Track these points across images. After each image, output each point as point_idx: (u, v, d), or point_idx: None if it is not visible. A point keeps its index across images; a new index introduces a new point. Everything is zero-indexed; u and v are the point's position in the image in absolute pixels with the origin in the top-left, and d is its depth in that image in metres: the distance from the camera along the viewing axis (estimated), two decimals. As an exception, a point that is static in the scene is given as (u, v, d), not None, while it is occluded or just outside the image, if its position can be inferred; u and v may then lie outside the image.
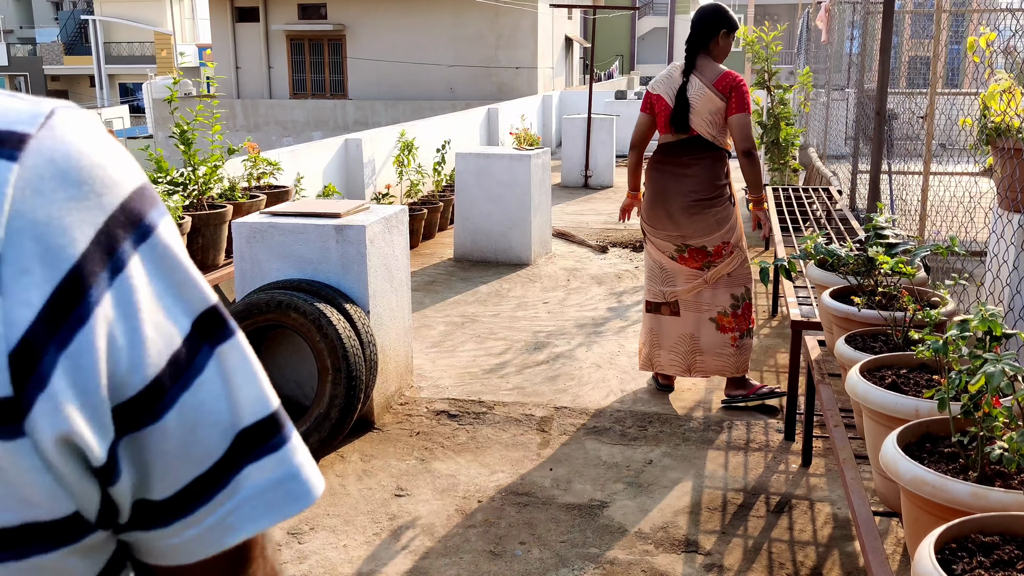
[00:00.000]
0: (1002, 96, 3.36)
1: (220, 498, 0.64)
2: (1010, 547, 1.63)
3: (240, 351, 0.67)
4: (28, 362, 0.54)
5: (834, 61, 10.05)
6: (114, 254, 0.58)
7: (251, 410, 0.66)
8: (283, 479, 0.67)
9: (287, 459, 0.68)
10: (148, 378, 0.59)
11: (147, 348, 0.59)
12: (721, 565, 3.23)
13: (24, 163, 0.55)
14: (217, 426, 0.64)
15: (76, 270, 0.55)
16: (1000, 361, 1.85)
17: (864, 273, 3.08)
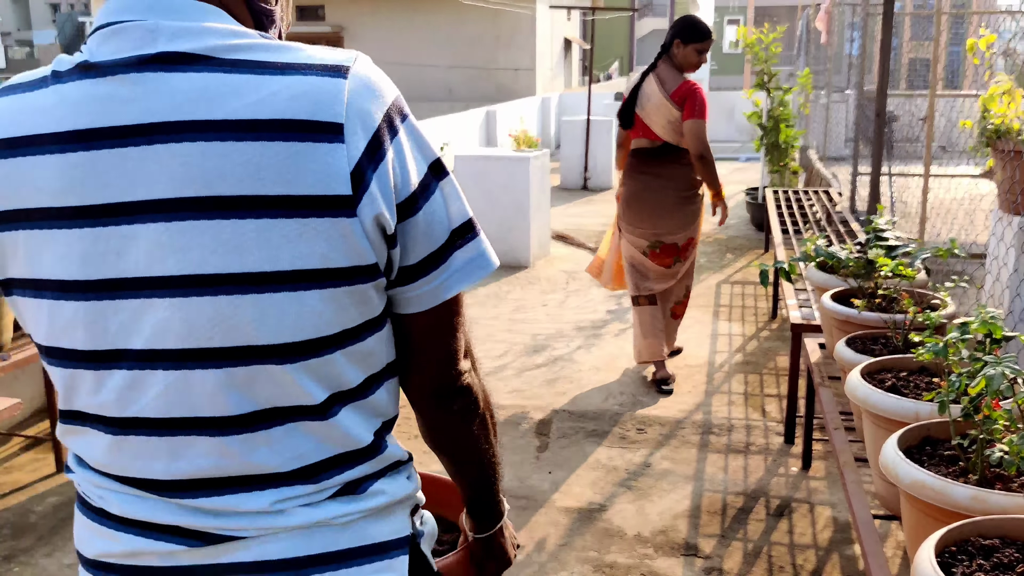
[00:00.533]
0: (1002, 98, 3.36)
1: (440, 269, 1.08)
2: (1010, 550, 1.63)
3: (452, 184, 1.10)
4: (358, 176, 0.99)
5: (834, 63, 10.06)
6: (392, 125, 1.03)
7: (458, 217, 1.10)
8: (476, 257, 1.11)
9: (478, 245, 1.12)
10: (410, 191, 1.04)
11: (409, 175, 1.04)
12: (721, 569, 3.23)
13: (350, 80, 1.01)
14: (441, 224, 1.07)
15: (377, 132, 1.01)
16: (1000, 364, 1.84)
17: (864, 275, 3.07)
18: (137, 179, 0.97)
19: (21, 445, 4.28)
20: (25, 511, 3.66)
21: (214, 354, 1.00)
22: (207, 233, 0.97)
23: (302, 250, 0.98)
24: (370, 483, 1.12)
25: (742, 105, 14.40)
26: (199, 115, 0.96)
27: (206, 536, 1.06)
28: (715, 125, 17.68)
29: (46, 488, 3.85)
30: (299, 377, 1.02)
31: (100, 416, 1.06)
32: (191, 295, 0.98)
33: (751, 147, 11.96)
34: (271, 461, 1.05)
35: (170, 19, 1.00)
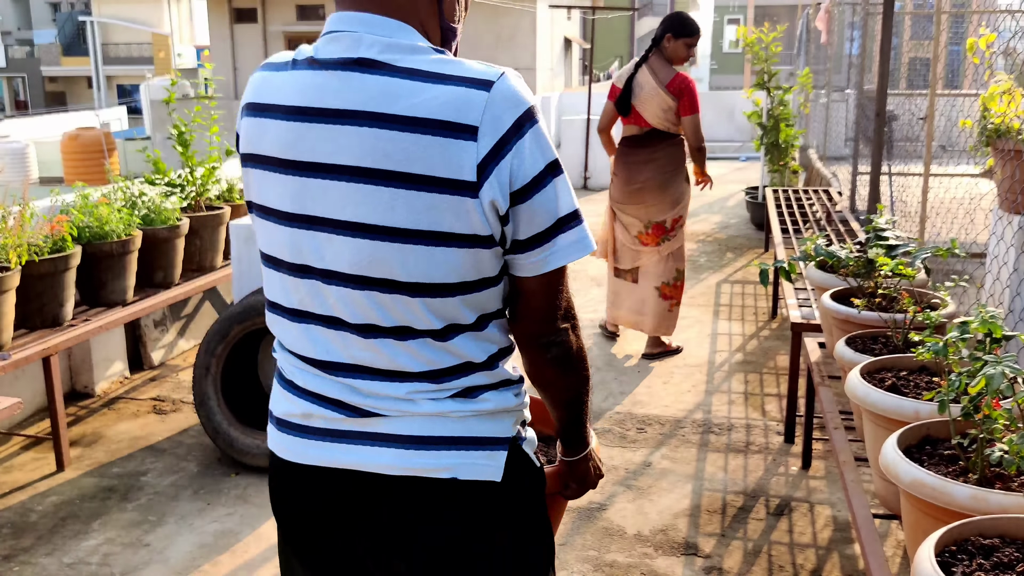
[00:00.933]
0: (1002, 97, 3.36)
1: (546, 246, 1.38)
2: (1010, 550, 1.63)
3: (564, 180, 1.39)
4: (482, 168, 1.29)
5: (834, 62, 10.05)
6: (519, 131, 1.31)
7: (565, 207, 1.38)
8: (578, 240, 1.40)
9: (581, 231, 1.40)
10: (524, 182, 1.33)
11: (526, 170, 1.33)
12: (721, 568, 3.23)
13: (491, 93, 1.30)
14: (549, 211, 1.37)
15: (504, 135, 1.30)
16: (1000, 363, 1.84)
17: (864, 275, 3.07)
18: (332, 148, 1.35)
19: (21, 444, 4.28)
20: (25, 510, 3.66)
21: (367, 281, 1.37)
22: (372, 195, 1.33)
23: (434, 217, 1.32)
24: (482, 392, 1.45)
25: (742, 104, 14.40)
26: (378, 108, 1.32)
27: (358, 410, 1.44)
28: (715, 124, 17.67)
29: (46, 487, 3.85)
30: (423, 309, 1.38)
31: (291, 309, 1.47)
32: (357, 236, 1.35)
33: (751, 146, 11.96)
34: (407, 363, 1.40)
35: (371, 32, 1.37)
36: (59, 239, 4.02)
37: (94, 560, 3.30)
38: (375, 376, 1.43)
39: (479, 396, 1.45)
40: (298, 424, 1.52)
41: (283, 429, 1.56)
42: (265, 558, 3.30)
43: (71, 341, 4.02)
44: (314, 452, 1.48)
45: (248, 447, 3.92)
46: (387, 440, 1.43)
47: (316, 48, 1.41)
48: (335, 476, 1.46)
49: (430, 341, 1.40)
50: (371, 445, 1.44)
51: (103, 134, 16.10)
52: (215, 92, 5.86)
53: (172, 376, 5.19)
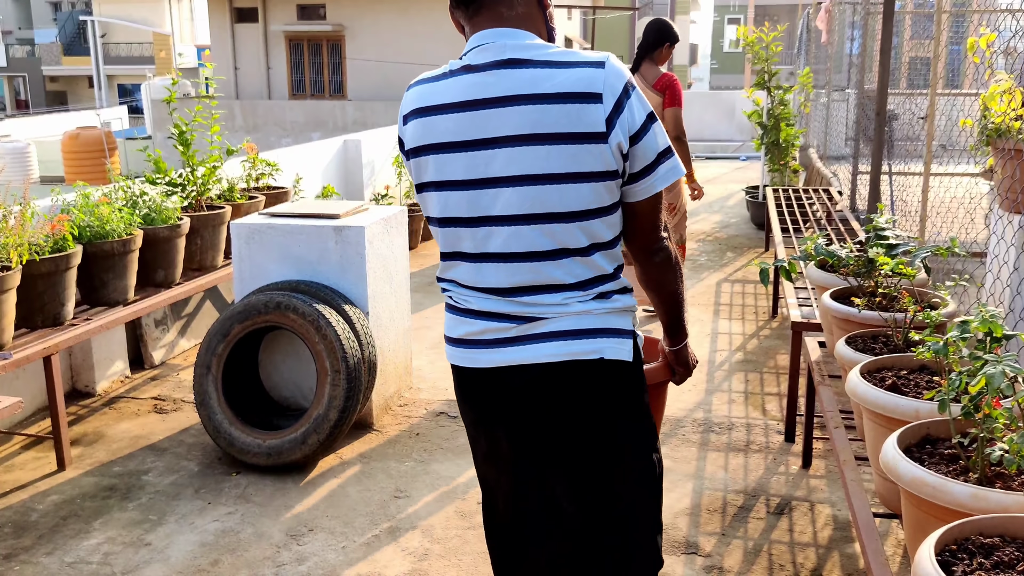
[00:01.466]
0: (1002, 97, 3.36)
1: (652, 175, 1.91)
2: (1010, 549, 1.63)
3: (659, 125, 1.89)
4: (608, 122, 1.83)
5: (834, 62, 10.05)
6: (627, 94, 1.85)
7: (662, 144, 1.91)
8: (672, 168, 1.92)
9: (674, 161, 1.92)
10: (636, 129, 1.86)
11: (636, 121, 1.86)
12: (721, 567, 3.23)
13: (605, 70, 1.85)
14: (653, 149, 1.89)
15: (619, 98, 1.84)
16: (1000, 362, 1.84)
17: (864, 274, 3.07)
18: (496, 125, 1.87)
19: (22, 444, 4.28)
20: (26, 509, 3.66)
21: (533, 217, 1.88)
22: (533, 152, 1.85)
23: (579, 160, 1.85)
24: (613, 295, 1.98)
25: (742, 104, 14.39)
26: (529, 91, 1.85)
27: (525, 318, 1.95)
28: (715, 124, 17.67)
29: (47, 487, 3.86)
30: (576, 231, 1.90)
31: (470, 254, 1.97)
32: (524, 184, 1.87)
33: (751, 146, 11.96)
34: (562, 277, 1.92)
35: (509, 41, 1.91)
36: (60, 238, 4.02)
37: (95, 559, 3.30)
38: (537, 292, 1.94)
39: (611, 298, 1.98)
40: (476, 340, 2.01)
41: (464, 346, 2.04)
42: (266, 556, 3.31)
43: (72, 340, 4.02)
44: (495, 357, 1.98)
45: (249, 446, 3.92)
46: (549, 337, 1.95)
47: (468, 58, 1.94)
48: (511, 371, 1.97)
49: (578, 259, 1.92)
50: (536, 343, 1.95)
51: (104, 133, 16.10)
52: (216, 92, 5.86)
53: (173, 375, 5.19)
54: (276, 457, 3.90)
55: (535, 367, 1.95)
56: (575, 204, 1.88)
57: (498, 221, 1.90)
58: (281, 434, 3.93)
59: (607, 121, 1.84)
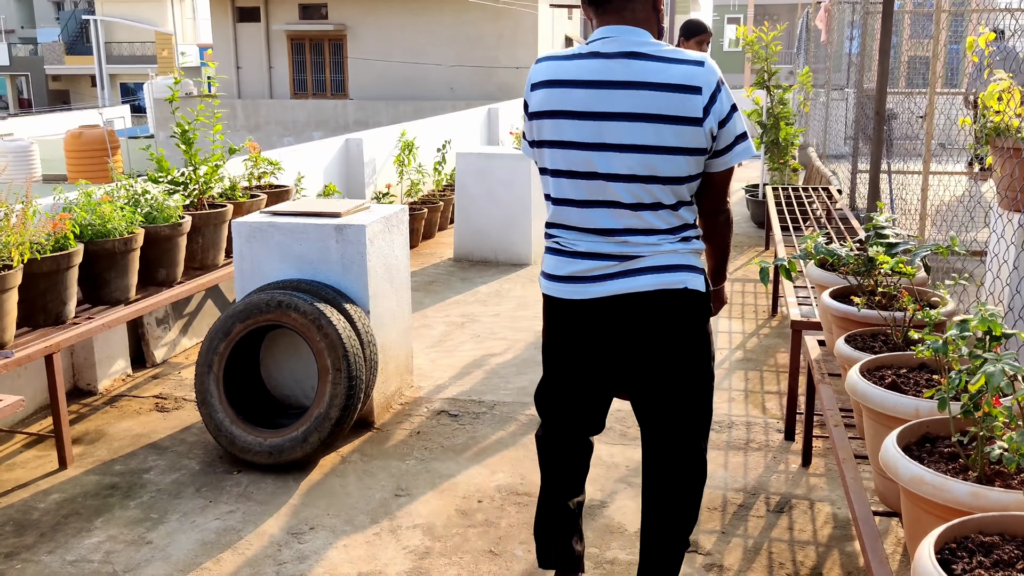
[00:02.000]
0: (1001, 96, 3.36)
1: (731, 152, 2.51)
2: (1010, 547, 1.63)
3: (740, 113, 2.48)
4: (705, 110, 2.40)
5: (834, 61, 10.05)
6: (719, 88, 2.43)
7: (740, 129, 2.50)
8: (746, 148, 2.52)
9: (748, 143, 2.52)
10: (723, 116, 2.44)
11: (724, 109, 2.44)
12: (721, 565, 3.23)
13: (704, 68, 2.42)
14: (733, 132, 2.48)
15: (713, 91, 2.41)
16: (1000, 361, 1.85)
17: (864, 273, 3.08)
18: (614, 103, 2.39)
19: (24, 442, 4.29)
20: (27, 508, 3.67)
21: (639, 178, 2.42)
22: (646, 128, 2.38)
23: (681, 139, 2.39)
24: (692, 239, 2.55)
25: (742, 103, 14.38)
26: (647, 79, 2.37)
27: (626, 256, 2.48)
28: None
29: (48, 485, 3.86)
30: (669, 191, 2.46)
31: (581, 200, 2.49)
32: (635, 153, 2.40)
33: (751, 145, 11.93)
34: (657, 224, 2.47)
35: (631, 36, 2.44)
36: (62, 237, 4.03)
37: (96, 558, 3.31)
38: (638, 234, 2.48)
39: (692, 241, 2.55)
40: (582, 276, 2.52)
41: (571, 283, 2.55)
42: (267, 555, 3.31)
43: (74, 339, 4.03)
44: (596, 289, 2.51)
45: (250, 445, 3.93)
46: (644, 271, 2.48)
47: (594, 46, 2.46)
48: (614, 299, 2.51)
49: (669, 211, 2.49)
50: (634, 276, 2.49)
51: (106, 132, 16.11)
52: (218, 91, 5.87)
53: (174, 374, 5.20)
54: (277, 456, 3.90)
55: (633, 295, 2.49)
56: (674, 172, 2.43)
57: (612, 178, 2.44)
58: (282, 433, 3.93)
59: (704, 109, 2.39)
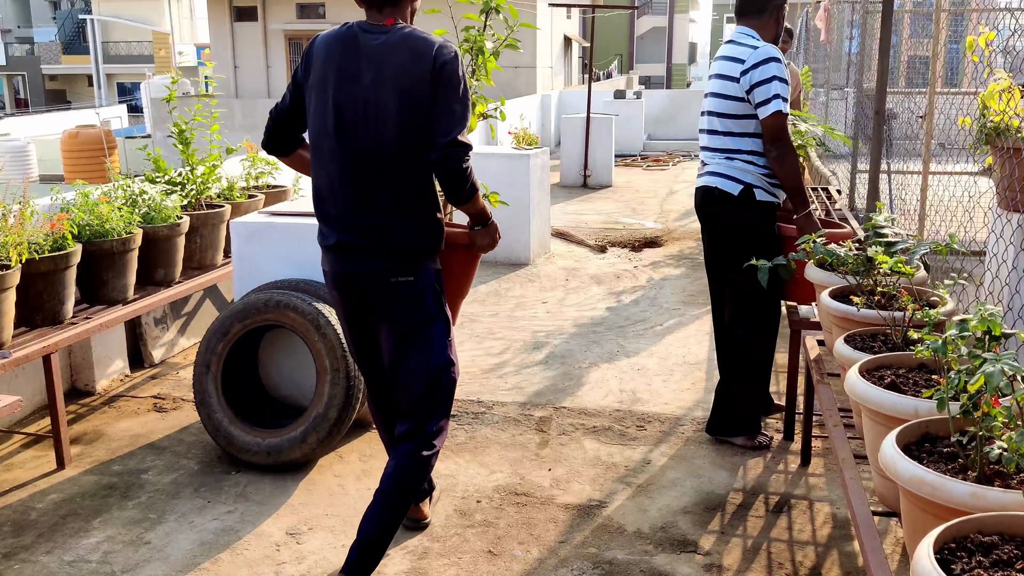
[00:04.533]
0: (1001, 96, 3.36)
1: (764, 107, 3.83)
2: (1009, 547, 1.63)
3: (768, 85, 3.85)
4: (743, 75, 3.88)
5: (833, 60, 10.05)
6: (755, 67, 3.89)
7: (773, 91, 3.82)
8: (767, 110, 3.83)
9: (779, 101, 3.82)
10: (753, 84, 3.85)
11: (756, 78, 3.84)
12: (720, 565, 3.23)
13: (752, 53, 3.89)
14: (764, 95, 3.84)
15: (751, 67, 3.88)
16: (999, 361, 1.84)
17: (863, 273, 3.08)
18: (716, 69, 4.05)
19: (22, 442, 4.28)
20: (26, 508, 3.66)
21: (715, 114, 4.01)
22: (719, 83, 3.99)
23: (731, 90, 3.92)
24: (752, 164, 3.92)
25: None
26: (720, 72, 4.00)
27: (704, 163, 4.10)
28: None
29: (47, 485, 3.86)
30: (734, 123, 3.95)
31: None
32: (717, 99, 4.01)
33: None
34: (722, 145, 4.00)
35: (740, 32, 4.01)
36: (59, 237, 4.02)
37: (94, 558, 3.30)
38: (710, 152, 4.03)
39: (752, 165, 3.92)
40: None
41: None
42: (266, 555, 3.31)
43: (71, 339, 4.02)
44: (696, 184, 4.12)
45: (248, 445, 3.93)
46: (710, 175, 3.98)
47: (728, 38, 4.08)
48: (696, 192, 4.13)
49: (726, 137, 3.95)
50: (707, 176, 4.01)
51: (103, 132, 16.10)
52: (215, 90, 5.86)
53: (172, 374, 5.19)
54: (276, 456, 3.90)
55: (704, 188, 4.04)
56: (733, 109, 3.92)
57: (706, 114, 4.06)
58: (280, 433, 3.93)
59: (742, 74, 3.85)
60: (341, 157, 2.91)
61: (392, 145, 2.87)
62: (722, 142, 3.93)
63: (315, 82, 2.94)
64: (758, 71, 3.79)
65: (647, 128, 17.21)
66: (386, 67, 2.85)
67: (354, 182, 2.92)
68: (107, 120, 24.14)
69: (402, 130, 2.86)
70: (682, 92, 22.89)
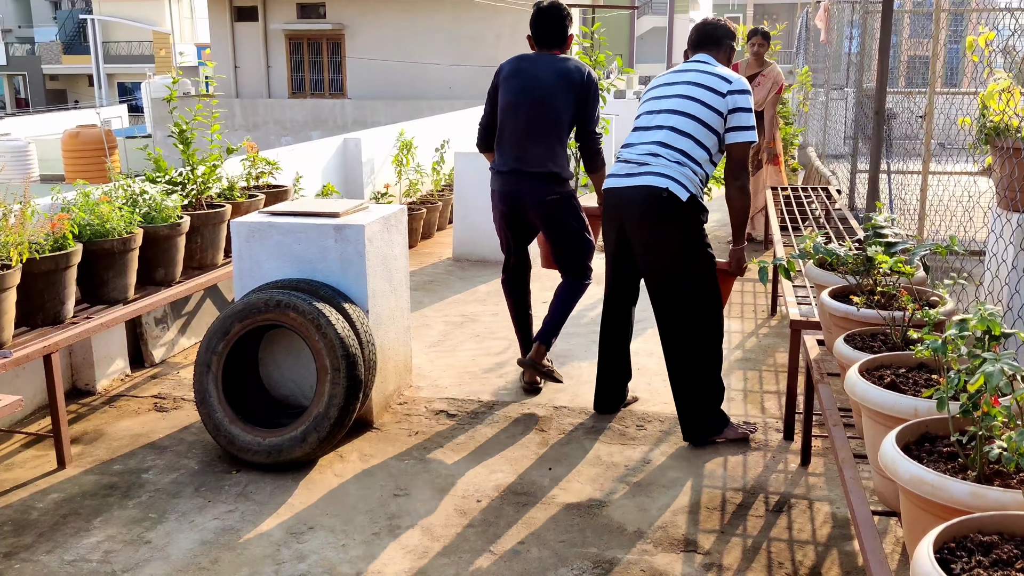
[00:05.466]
0: (1001, 95, 3.36)
1: (735, 133, 4.06)
2: (1009, 546, 1.63)
3: (749, 114, 4.08)
4: (727, 100, 4.04)
5: (833, 60, 10.05)
6: (734, 93, 4.09)
7: (746, 122, 4.06)
8: (738, 137, 4.07)
9: (752, 132, 4.07)
10: (732, 108, 4.05)
11: (737, 105, 4.06)
12: (720, 564, 3.23)
13: (733, 79, 4.08)
14: (740, 121, 4.06)
15: (729, 93, 4.08)
16: (999, 360, 1.85)
17: (863, 272, 3.08)
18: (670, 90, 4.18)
19: (22, 442, 4.28)
20: (26, 508, 3.67)
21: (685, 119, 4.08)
22: (689, 97, 4.07)
23: (711, 101, 4.03)
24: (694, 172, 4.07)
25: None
26: (697, 81, 4.09)
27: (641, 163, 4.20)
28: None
29: (47, 485, 3.86)
30: (700, 133, 4.04)
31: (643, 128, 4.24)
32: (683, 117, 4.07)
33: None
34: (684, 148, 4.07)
35: (702, 62, 4.18)
36: (60, 237, 4.02)
37: (95, 557, 3.31)
38: (659, 149, 4.06)
39: (696, 176, 4.03)
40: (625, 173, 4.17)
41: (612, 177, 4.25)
42: (266, 554, 3.31)
43: (72, 339, 4.02)
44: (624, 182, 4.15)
45: (249, 444, 3.93)
46: (655, 175, 4.00)
47: (683, 63, 4.30)
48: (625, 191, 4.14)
49: (692, 143, 4.02)
50: (650, 177, 4.03)
51: (104, 132, 16.11)
52: (216, 90, 5.86)
53: (173, 374, 5.20)
54: (276, 455, 3.90)
55: (648, 187, 4.03)
56: (704, 117, 4.04)
57: (667, 114, 4.09)
58: (281, 432, 3.93)
59: (725, 98, 4.00)
60: (517, 124, 4.66)
61: (552, 120, 4.65)
62: (682, 143, 3.98)
63: (505, 81, 4.70)
64: (743, 98, 3.99)
65: (647, 128, 17.18)
66: (555, 73, 4.63)
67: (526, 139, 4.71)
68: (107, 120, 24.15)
69: (558, 112, 4.63)
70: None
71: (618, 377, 4.51)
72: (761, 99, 7.83)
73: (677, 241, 4.03)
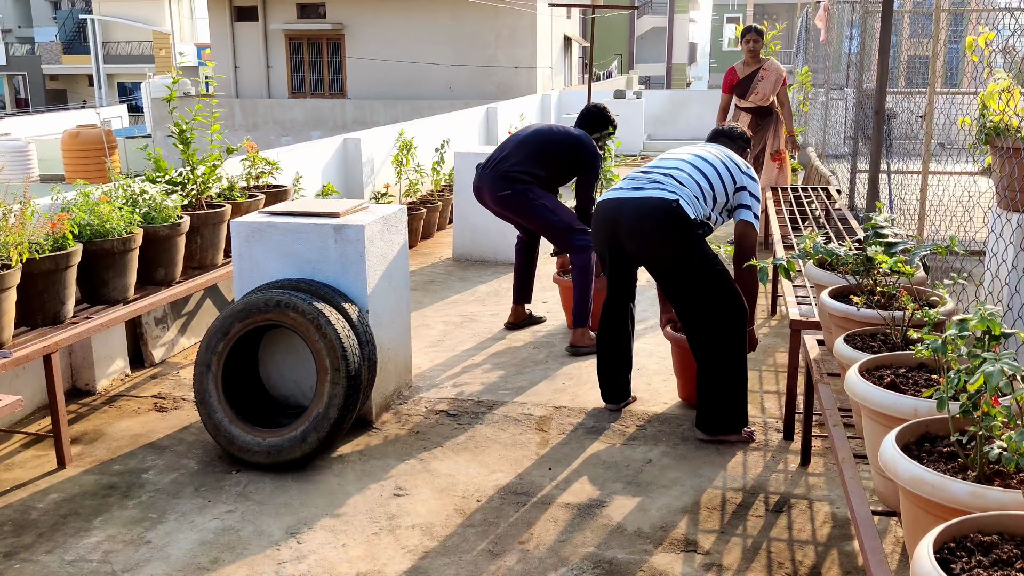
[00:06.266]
0: (1001, 95, 3.36)
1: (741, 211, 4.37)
2: (1009, 546, 1.63)
3: (742, 195, 4.37)
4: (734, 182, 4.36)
5: (833, 60, 10.05)
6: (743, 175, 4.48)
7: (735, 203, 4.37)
8: (743, 215, 4.34)
9: (745, 212, 4.34)
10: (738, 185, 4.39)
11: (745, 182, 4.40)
12: (720, 564, 3.23)
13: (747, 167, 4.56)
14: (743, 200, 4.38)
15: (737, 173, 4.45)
16: (999, 360, 1.85)
17: (863, 272, 3.08)
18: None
19: (22, 442, 4.28)
20: (26, 508, 3.67)
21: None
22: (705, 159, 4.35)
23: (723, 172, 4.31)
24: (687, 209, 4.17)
25: (742, 103, 14.35)
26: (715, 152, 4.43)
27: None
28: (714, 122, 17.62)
29: (47, 485, 3.86)
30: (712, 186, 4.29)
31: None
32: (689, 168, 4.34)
33: (751, 145, 11.92)
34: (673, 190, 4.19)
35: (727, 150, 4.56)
36: (60, 237, 4.02)
37: (95, 557, 3.31)
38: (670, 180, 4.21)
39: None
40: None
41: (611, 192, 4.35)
42: (266, 555, 3.31)
43: (72, 339, 4.02)
44: (628, 194, 4.20)
45: (249, 444, 3.93)
46: (665, 190, 4.10)
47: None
48: (627, 200, 4.19)
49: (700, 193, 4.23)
50: (659, 191, 4.12)
51: (104, 132, 16.10)
52: (216, 90, 5.86)
53: (173, 374, 5.20)
54: (276, 455, 3.90)
55: (659, 199, 4.11)
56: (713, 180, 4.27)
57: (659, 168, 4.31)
58: (281, 432, 3.93)
59: (740, 172, 4.31)
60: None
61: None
62: (696, 181, 4.20)
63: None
64: (753, 183, 4.32)
65: (647, 128, 17.21)
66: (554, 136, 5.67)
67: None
68: (107, 120, 24.15)
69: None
70: (682, 92, 22.88)
71: (622, 367, 4.59)
72: (768, 91, 8.02)
73: (673, 241, 4.08)
